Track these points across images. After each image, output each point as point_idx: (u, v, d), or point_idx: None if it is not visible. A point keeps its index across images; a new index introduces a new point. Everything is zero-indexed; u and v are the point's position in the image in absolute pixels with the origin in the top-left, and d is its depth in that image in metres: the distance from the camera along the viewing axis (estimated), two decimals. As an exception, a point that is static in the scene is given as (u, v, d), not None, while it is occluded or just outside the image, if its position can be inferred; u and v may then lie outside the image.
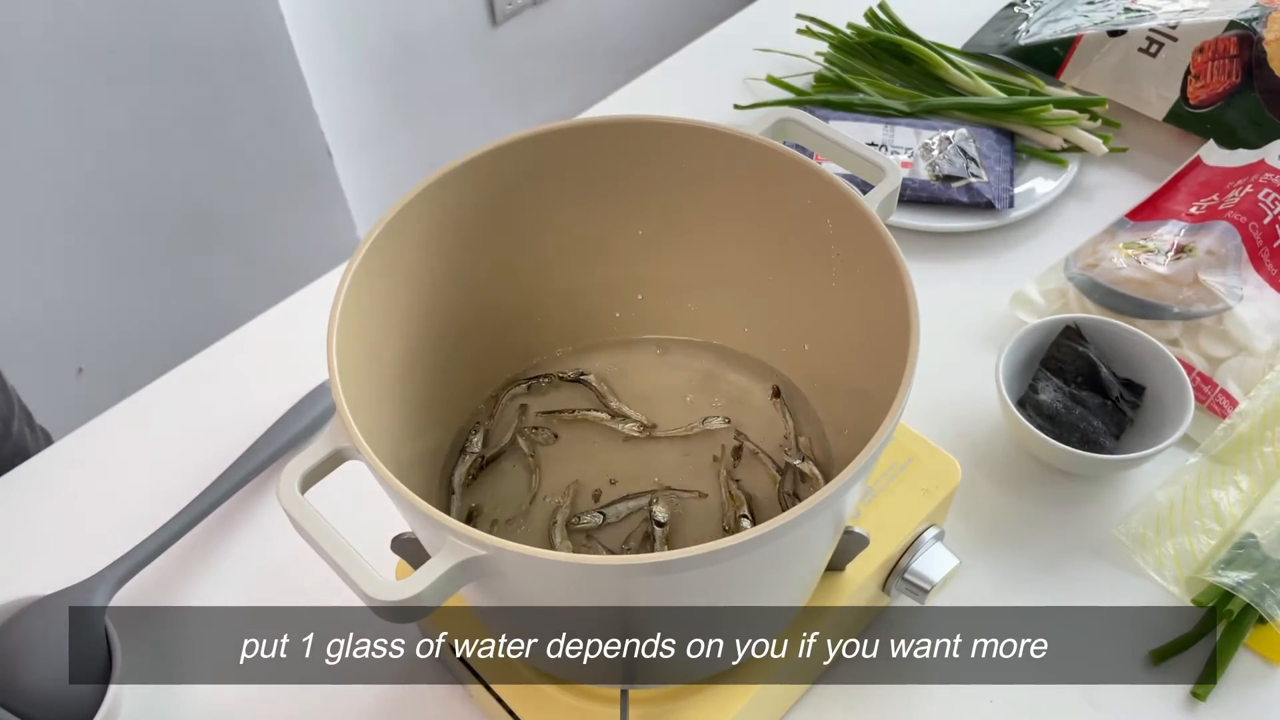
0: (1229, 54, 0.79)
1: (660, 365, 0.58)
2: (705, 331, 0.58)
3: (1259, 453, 0.62)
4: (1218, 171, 0.76)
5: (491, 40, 1.48)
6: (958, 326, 0.72)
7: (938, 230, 0.77)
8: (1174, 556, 0.59)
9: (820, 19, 0.91)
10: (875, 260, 0.44)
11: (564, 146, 0.50)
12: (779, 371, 0.57)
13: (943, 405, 0.66)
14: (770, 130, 0.50)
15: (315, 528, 0.36)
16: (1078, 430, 0.61)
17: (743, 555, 0.35)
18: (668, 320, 0.58)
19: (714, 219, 0.53)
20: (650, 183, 0.52)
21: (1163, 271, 0.67)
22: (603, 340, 0.59)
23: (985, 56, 0.90)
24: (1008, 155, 0.81)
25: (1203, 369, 0.65)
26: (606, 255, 0.55)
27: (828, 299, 0.50)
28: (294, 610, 0.58)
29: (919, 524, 0.52)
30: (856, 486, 0.39)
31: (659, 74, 0.94)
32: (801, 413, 0.55)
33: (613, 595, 0.39)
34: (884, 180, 0.47)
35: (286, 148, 1.28)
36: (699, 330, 0.58)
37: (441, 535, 0.35)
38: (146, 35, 1.09)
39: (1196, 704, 0.54)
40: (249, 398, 0.68)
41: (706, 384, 0.57)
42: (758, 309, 0.56)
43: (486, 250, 0.52)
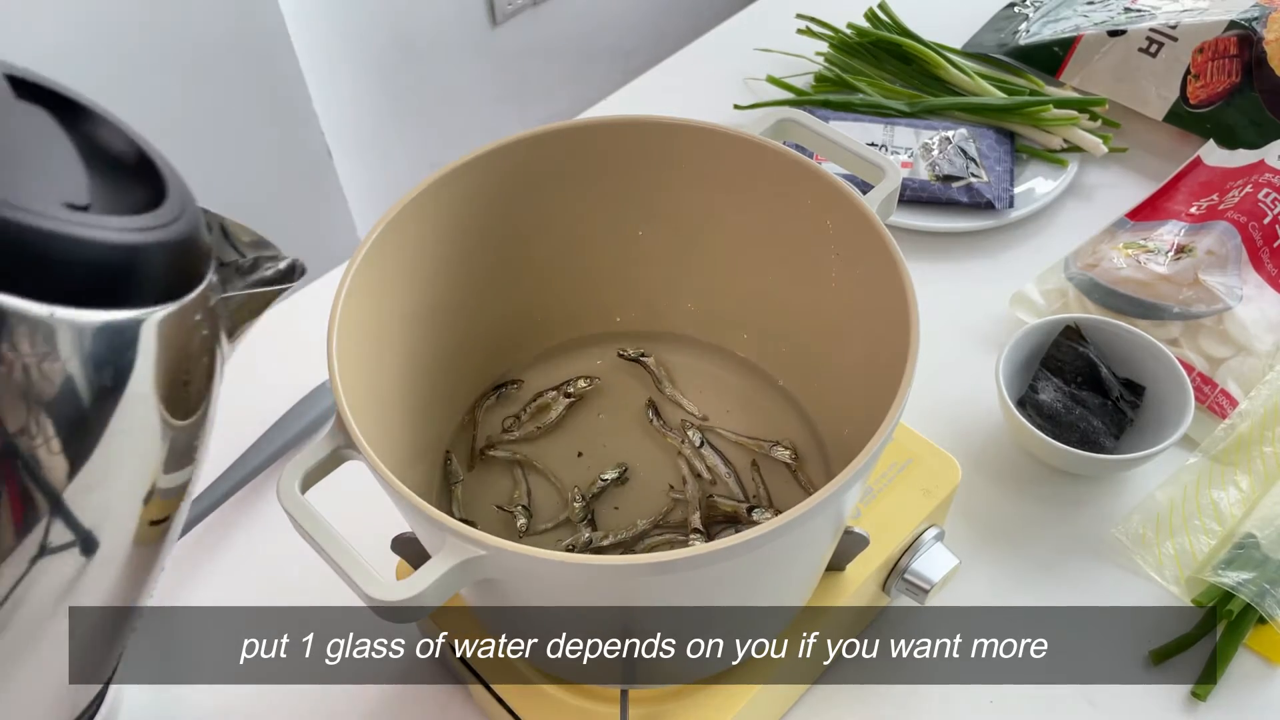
0: (1229, 54, 0.79)
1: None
2: (705, 332, 0.58)
3: (1259, 453, 0.62)
4: (1218, 171, 0.76)
5: (491, 40, 1.48)
6: (958, 326, 0.72)
7: (938, 230, 0.77)
8: (1174, 556, 0.59)
9: (820, 19, 0.91)
10: (875, 260, 0.44)
11: (564, 146, 0.50)
12: (776, 375, 0.57)
13: (943, 405, 0.66)
14: (770, 130, 0.50)
15: (315, 528, 0.36)
16: (1078, 430, 0.61)
17: (743, 555, 0.35)
18: (667, 320, 0.58)
19: (714, 219, 0.53)
20: (650, 183, 0.52)
21: (1163, 271, 0.67)
22: (603, 340, 0.59)
23: (985, 56, 0.90)
24: (1008, 155, 0.81)
25: (1203, 369, 0.65)
26: (606, 255, 0.55)
27: (828, 299, 0.50)
28: (294, 610, 0.58)
29: (919, 524, 0.52)
30: (856, 487, 0.39)
31: (659, 74, 0.94)
32: (796, 416, 0.55)
33: (613, 595, 0.39)
34: (884, 180, 0.47)
35: (286, 148, 1.28)
36: (699, 330, 0.58)
37: (441, 535, 0.35)
38: (145, 36, 1.09)
39: (1196, 704, 0.54)
40: (249, 398, 0.68)
41: (705, 384, 0.57)
42: (758, 309, 0.56)
43: (486, 250, 0.52)
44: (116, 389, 0.23)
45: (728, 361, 0.58)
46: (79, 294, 0.22)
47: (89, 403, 0.22)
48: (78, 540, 0.25)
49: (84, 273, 0.22)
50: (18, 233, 0.21)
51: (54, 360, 0.21)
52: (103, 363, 0.22)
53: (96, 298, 0.22)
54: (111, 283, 0.23)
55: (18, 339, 0.21)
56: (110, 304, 0.23)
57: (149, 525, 0.28)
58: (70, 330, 0.22)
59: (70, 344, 0.22)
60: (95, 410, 0.23)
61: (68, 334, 0.21)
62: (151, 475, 0.27)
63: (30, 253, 0.21)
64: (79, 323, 0.22)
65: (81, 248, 0.22)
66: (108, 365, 0.22)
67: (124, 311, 0.23)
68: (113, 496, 0.26)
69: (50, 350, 0.21)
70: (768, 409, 0.56)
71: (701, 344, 0.58)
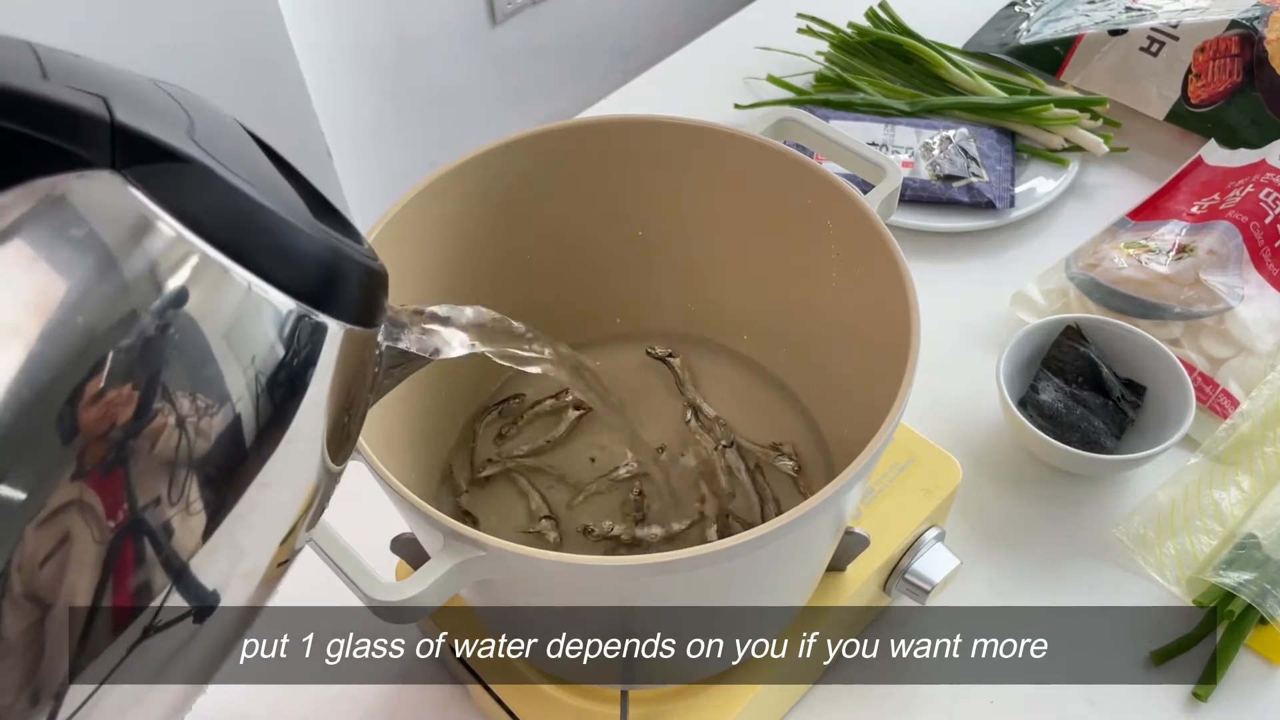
0: (1230, 53, 0.79)
1: (658, 365, 0.58)
2: (705, 332, 0.58)
3: (1260, 453, 0.62)
4: (1219, 171, 0.75)
5: (491, 40, 1.48)
6: (958, 326, 0.72)
7: (938, 230, 0.77)
8: (1175, 557, 0.59)
9: (821, 18, 0.91)
10: (876, 260, 0.44)
11: (564, 146, 0.49)
12: (776, 374, 0.57)
13: (943, 405, 0.66)
14: (770, 130, 0.50)
15: (315, 528, 0.36)
16: (1079, 430, 0.61)
17: (743, 556, 0.35)
18: (667, 321, 0.58)
19: (714, 219, 0.53)
20: (650, 183, 0.52)
21: (1164, 271, 0.67)
22: (601, 340, 0.59)
23: (986, 56, 0.89)
24: (1008, 155, 0.80)
25: (1204, 369, 0.65)
26: (605, 255, 0.55)
27: (828, 299, 0.50)
28: (294, 610, 0.58)
29: (920, 524, 0.52)
30: (857, 487, 0.39)
31: (659, 74, 0.94)
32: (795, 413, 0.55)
33: (612, 595, 0.39)
34: (884, 180, 0.47)
35: (287, 148, 1.27)
36: (699, 331, 0.58)
37: (441, 536, 0.35)
38: (145, 36, 1.09)
39: (1197, 705, 0.54)
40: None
41: (707, 384, 0.57)
42: (758, 309, 0.55)
43: (485, 249, 0.52)
44: (302, 385, 0.25)
45: (729, 361, 0.58)
46: (305, 290, 0.24)
47: (290, 384, 0.24)
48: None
49: (316, 271, 0.25)
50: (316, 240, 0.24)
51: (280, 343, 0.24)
52: (300, 350, 0.24)
53: (311, 295, 0.24)
54: (328, 287, 0.25)
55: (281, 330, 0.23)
56: (317, 306, 0.25)
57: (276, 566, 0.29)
58: (286, 314, 0.24)
59: (282, 323, 0.24)
60: (289, 398, 0.24)
61: (280, 317, 0.24)
62: (302, 508, 0.28)
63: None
64: (291, 309, 0.24)
65: (332, 255, 0.25)
66: (303, 354, 0.24)
67: (324, 316, 0.25)
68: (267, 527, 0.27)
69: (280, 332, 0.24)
70: (768, 408, 0.56)
71: (702, 344, 0.58)
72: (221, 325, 0.23)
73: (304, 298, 0.24)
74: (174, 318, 0.22)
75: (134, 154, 0.21)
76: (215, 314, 0.22)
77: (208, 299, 0.22)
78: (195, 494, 0.23)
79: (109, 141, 0.21)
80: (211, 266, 0.22)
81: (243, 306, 0.23)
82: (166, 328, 0.21)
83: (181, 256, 0.22)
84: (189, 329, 0.22)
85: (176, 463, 0.22)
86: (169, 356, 0.22)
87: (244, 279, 0.23)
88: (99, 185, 0.21)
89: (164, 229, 0.21)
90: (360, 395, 0.29)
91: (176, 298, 0.22)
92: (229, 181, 0.22)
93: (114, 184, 0.21)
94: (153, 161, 0.21)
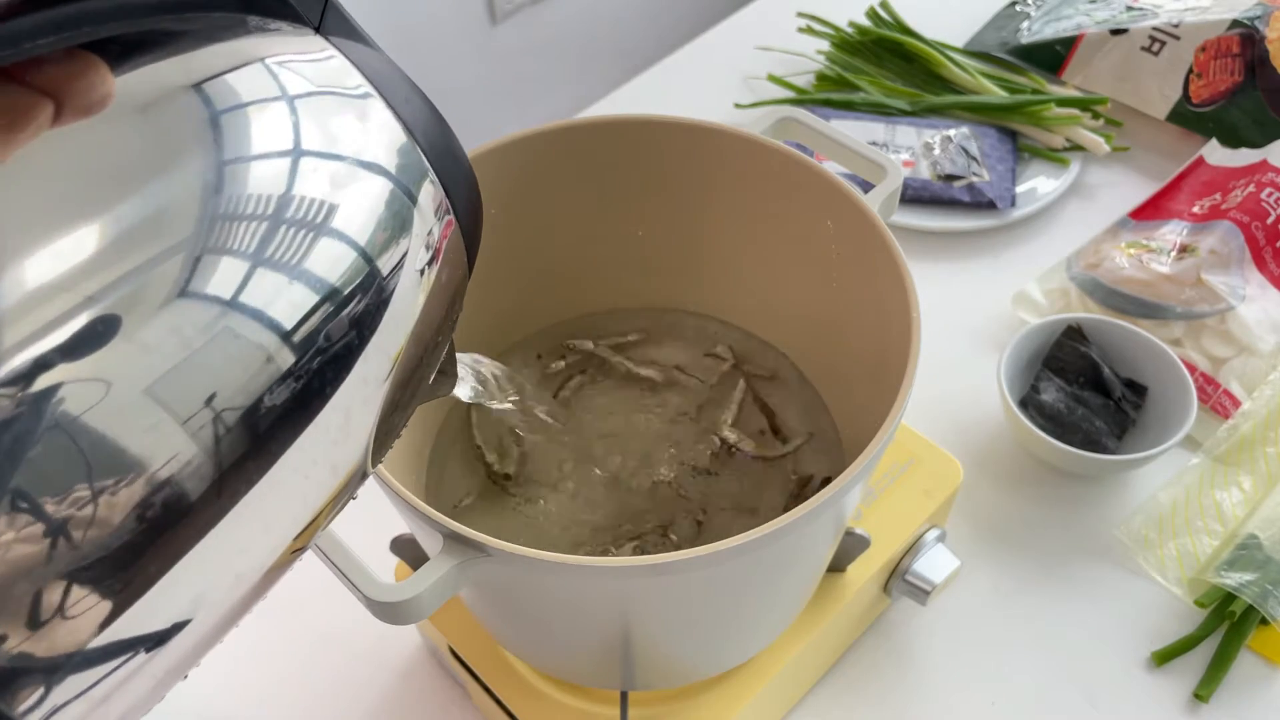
0: (1231, 53, 0.79)
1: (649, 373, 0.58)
2: (705, 331, 0.58)
3: (1262, 453, 0.62)
4: (1220, 171, 0.75)
5: (491, 39, 1.48)
6: (959, 326, 0.71)
7: (939, 230, 0.77)
8: (1176, 557, 0.59)
9: (821, 17, 0.91)
10: (876, 260, 0.44)
11: (563, 146, 0.49)
12: (776, 374, 0.57)
13: (944, 406, 0.66)
14: (771, 129, 0.50)
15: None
16: (1080, 431, 0.61)
17: (742, 557, 0.35)
18: (667, 320, 0.58)
19: (714, 219, 0.52)
20: (650, 182, 0.52)
21: (1165, 271, 0.67)
22: (601, 340, 0.58)
23: (987, 55, 0.89)
24: (1010, 154, 0.80)
25: (1205, 369, 0.65)
26: (605, 255, 0.55)
27: (828, 299, 0.50)
28: (294, 610, 0.58)
29: (920, 525, 0.52)
30: (857, 487, 0.39)
31: (659, 73, 0.94)
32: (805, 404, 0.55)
33: (611, 596, 0.39)
34: (885, 179, 0.47)
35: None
36: (698, 329, 0.58)
37: (440, 536, 0.35)
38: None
39: (1199, 705, 0.54)
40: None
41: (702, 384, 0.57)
42: (758, 309, 0.55)
43: (484, 248, 0.51)
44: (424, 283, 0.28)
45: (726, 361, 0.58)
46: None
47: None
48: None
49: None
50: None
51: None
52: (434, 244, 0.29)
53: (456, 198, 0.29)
54: (470, 192, 0.31)
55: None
56: (452, 212, 0.29)
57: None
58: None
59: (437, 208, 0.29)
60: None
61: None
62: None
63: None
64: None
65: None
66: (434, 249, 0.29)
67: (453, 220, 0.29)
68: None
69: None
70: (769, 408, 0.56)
71: (702, 344, 0.58)
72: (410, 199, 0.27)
73: (450, 196, 0.28)
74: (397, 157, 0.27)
75: (334, 26, 0.27)
76: (402, 183, 0.27)
77: (395, 164, 0.27)
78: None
79: (320, 10, 0.27)
80: (397, 132, 0.27)
81: (423, 189, 0.27)
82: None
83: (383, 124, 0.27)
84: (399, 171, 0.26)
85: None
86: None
87: (421, 163, 0.27)
88: (304, 38, 0.26)
89: (362, 85, 0.27)
90: (448, 325, 0.33)
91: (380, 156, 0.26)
92: (403, 73, 0.28)
93: (319, 40, 0.26)
94: (349, 38, 0.27)
